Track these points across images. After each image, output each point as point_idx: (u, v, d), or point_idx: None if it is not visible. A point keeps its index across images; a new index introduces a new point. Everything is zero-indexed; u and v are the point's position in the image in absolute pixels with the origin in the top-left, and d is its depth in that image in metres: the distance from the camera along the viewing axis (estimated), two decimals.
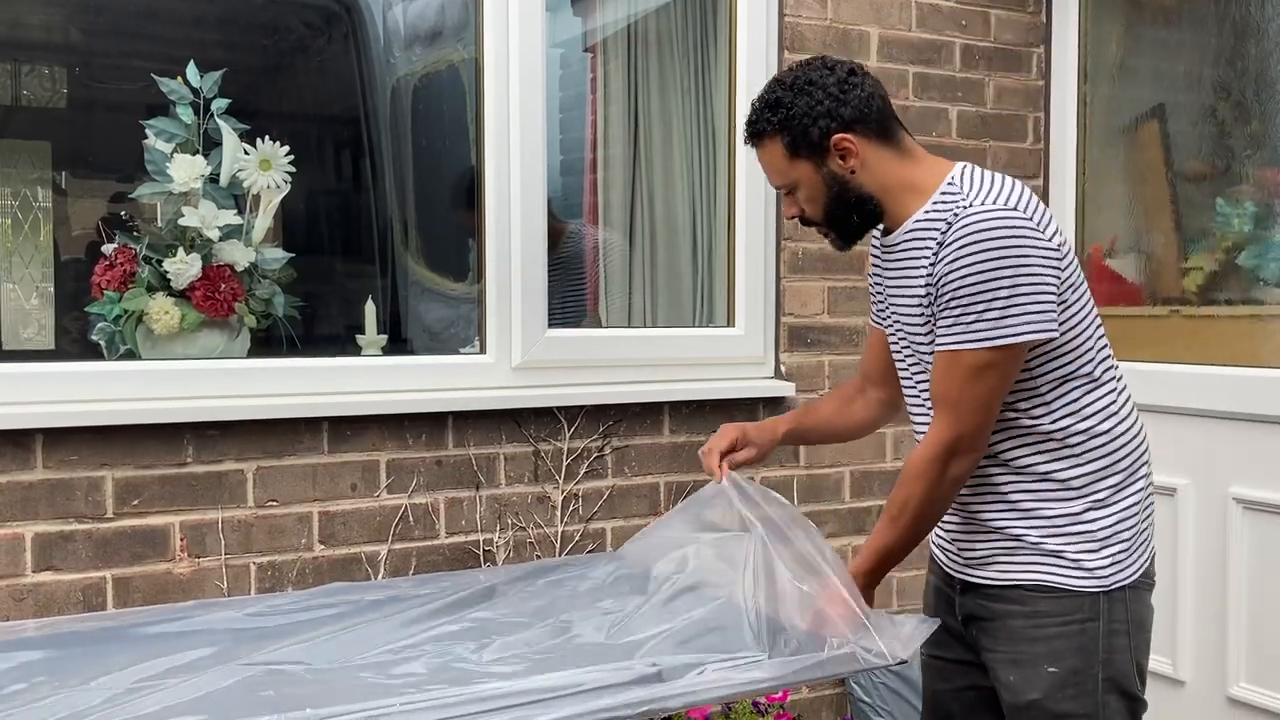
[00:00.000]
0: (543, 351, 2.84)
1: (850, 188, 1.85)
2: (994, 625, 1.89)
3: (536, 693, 1.58)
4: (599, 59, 3.39)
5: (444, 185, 3.34)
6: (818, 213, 1.89)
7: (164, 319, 2.56)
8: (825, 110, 1.81)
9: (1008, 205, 1.74)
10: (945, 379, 1.78)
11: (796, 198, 1.90)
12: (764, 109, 1.86)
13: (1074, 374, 1.82)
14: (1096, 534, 1.83)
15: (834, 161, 1.83)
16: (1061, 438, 1.83)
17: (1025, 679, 1.84)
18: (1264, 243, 2.93)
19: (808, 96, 1.82)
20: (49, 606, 2.37)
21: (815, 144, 1.82)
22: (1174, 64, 3.33)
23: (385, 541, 2.67)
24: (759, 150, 1.90)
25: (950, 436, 1.78)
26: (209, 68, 2.66)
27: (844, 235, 1.93)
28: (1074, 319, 1.81)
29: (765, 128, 1.86)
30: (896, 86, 3.22)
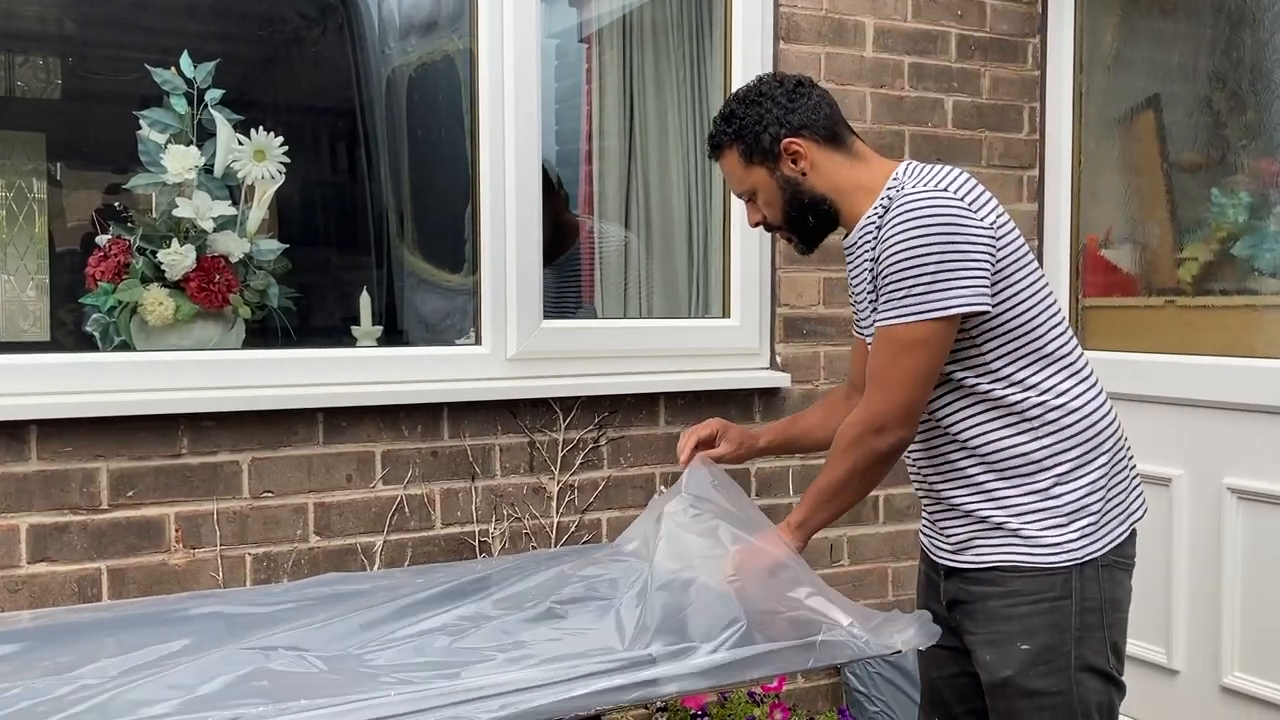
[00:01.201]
0: (538, 342, 2.84)
1: (803, 189, 1.95)
2: (974, 607, 1.92)
3: (530, 681, 1.58)
4: (594, 50, 3.38)
5: (439, 176, 3.33)
6: (777, 216, 1.99)
7: (158, 310, 2.56)
8: (775, 118, 1.93)
9: (937, 188, 1.81)
10: (877, 355, 1.84)
11: (757, 204, 2.00)
12: (720, 122, 1.99)
13: (1024, 349, 1.85)
14: (1063, 508, 1.85)
15: (786, 165, 1.94)
16: (1019, 410, 1.85)
17: (1000, 657, 1.87)
18: (1259, 233, 2.93)
19: (758, 107, 1.94)
20: (44, 598, 2.37)
21: (767, 150, 1.94)
22: (1169, 54, 3.33)
23: (381, 532, 2.68)
24: (721, 162, 2.02)
25: (878, 409, 1.83)
26: (203, 58, 2.65)
27: (803, 237, 2.02)
28: (1020, 295, 1.84)
29: (722, 139, 1.98)
30: (892, 76, 3.22)
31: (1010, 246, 1.84)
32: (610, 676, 1.63)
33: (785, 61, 3.08)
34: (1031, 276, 1.87)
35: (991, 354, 1.84)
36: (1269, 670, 2.75)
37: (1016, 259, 1.85)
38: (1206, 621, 2.89)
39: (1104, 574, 1.86)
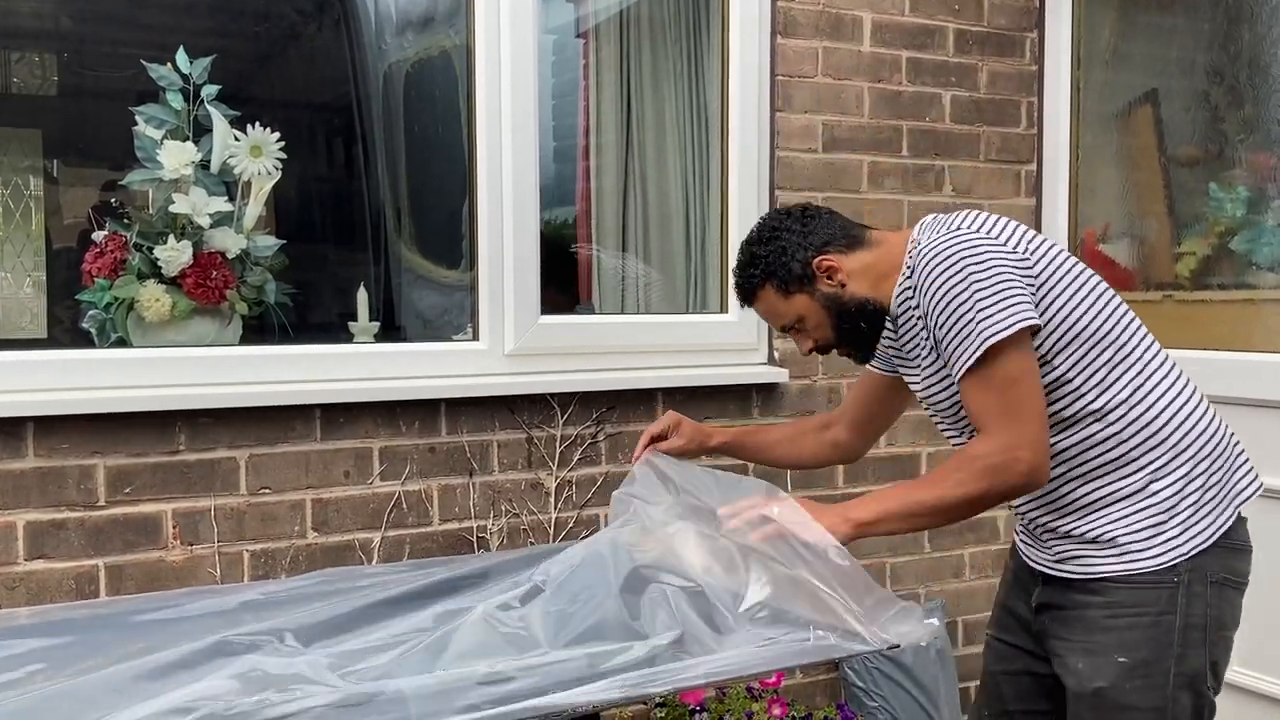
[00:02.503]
0: (536, 338, 2.84)
1: (846, 300, 1.96)
2: (1070, 614, 1.90)
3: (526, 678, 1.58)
4: (591, 45, 3.38)
5: (436, 172, 3.33)
6: (828, 334, 1.99)
7: (155, 306, 2.55)
8: (797, 244, 1.95)
9: (949, 231, 1.83)
10: (977, 398, 1.79)
11: (806, 330, 2.01)
12: (745, 269, 2.00)
13: (1098, 355, 1.83)
14: (1162, 504, 1.83)
15: (823, 284, 1.95)
16: (1104, 417, 1.83)
17: (1095, 667, 1.84)
18: (1256, 227, 2.93)
19: (777, 241, 1.97)
20: (41, 595, 2.37)
21: (801, 275, 1.95)
22: (1167, 49, 3.32)
23: (379, 529, 2.67)
24: (755, 305, 2.03)
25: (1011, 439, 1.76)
26: (199, 54, 2.64)
27: (861, 346, 2.02)
28: (1079, 302, 1.83)
29: (753, 283, 2.00)
30: (890, 71, 3.22)
31: (1049, 260, 1.84)
32: (609, 675, 1.62)
33: (783, 56, 3.08)
34: (1088, 282, 1.86)
35: (1065, 366, 1.82)
36: (1269, 666, 2.74)
37: (1062, 269, 1.84)
38: None
39: (1212, 590, 1.83)
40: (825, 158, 3.14)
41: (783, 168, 3.10)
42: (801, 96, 3.11)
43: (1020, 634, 2.05)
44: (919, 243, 1.86)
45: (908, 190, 3.26)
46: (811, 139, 3.13)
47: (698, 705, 2.81)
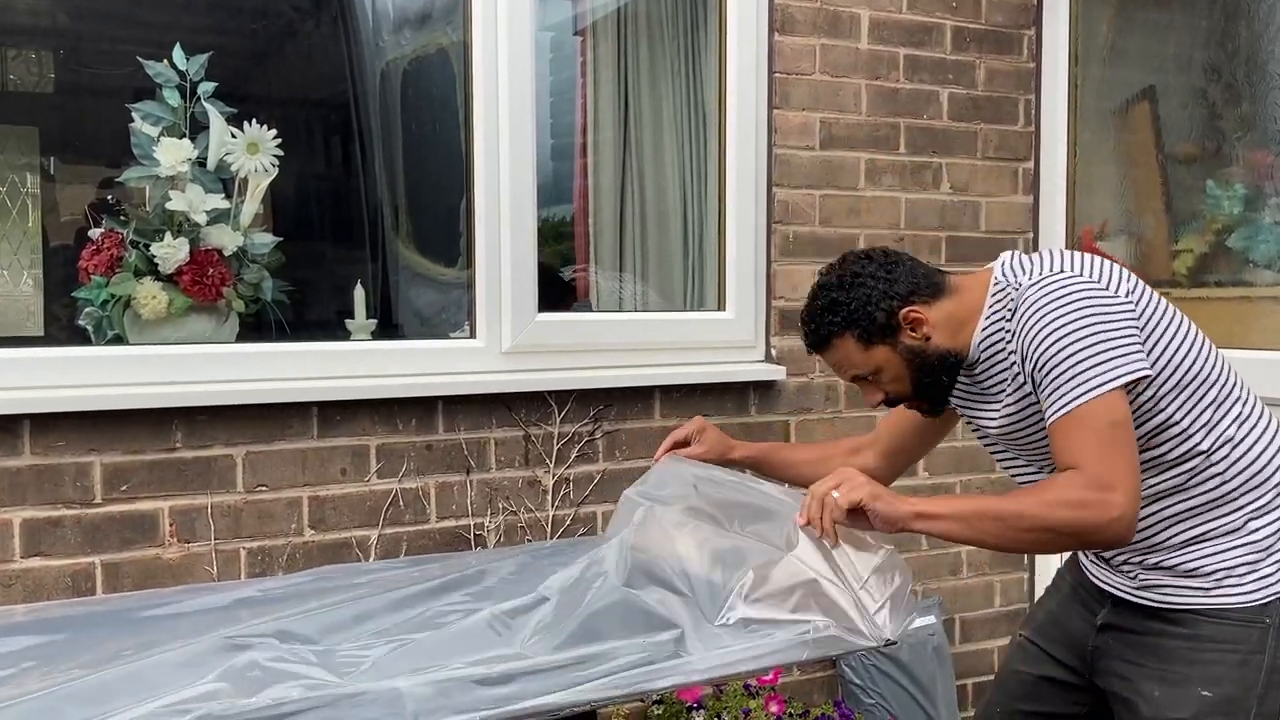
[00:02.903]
0: (533, 336, 2.83)
1: (929, 354, 1.90)
2: (1145, 640, 1.88)
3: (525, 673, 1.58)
4: (589, 42, 3.37)
5: (433, 170, 3.32)
6: (906, 388, 1.94)
7: (151, 303, 2.55)
8: (882, 292, 1.88)
9: (1057, 271, 1.79)
10: (1073, 442, 1.72)
11: (879, 382, 1.94)
12: (822, 315, 1.91)
13: (1202, 397, 1.82)
14: (1259, 543, 1.82)
15: (906, 336, 1.89)
16: (1209, 456, 1.82)
17: (1173, 698, 1.82)
18: (1254, 225, 2.93)
19: (862, 287, 1.89)
20: (38, 592, 2.37)
21: (885, 325, 1.88)
22: (1165, 46, 3.32)
23: (376, 526, 2.67)
24: (827, 353, 1.95)
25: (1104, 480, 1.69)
26: (196, 51, 2.64)
27: (935, 400, 1.97)
28: (1181, 347, 1.81)
29: (831, 330, 1.91)
30: (888, 69, 3.22)
31: (1151, 304, 1.82)
32: (606, 674, 1.62)
33: (780, 53, 3.08)
34: (1184, 324, 1.85)
35: (1174, 409, 1.80)
36: None
37: (1160, 312, 1.82)
38: None
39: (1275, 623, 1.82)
40: (823, 155, 3.14)
41: (780, 165, 3.10)
42: (799, 94, 3.11)
43: (1061, 646, 2.03)
44: (1019, 285, 1.81)
45: (905, 188, 3.26)
46: (809, 136, 3.13)
47: (695, 702, 2.81)
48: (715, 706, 2.81)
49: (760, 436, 3.08)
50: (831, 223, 3.16)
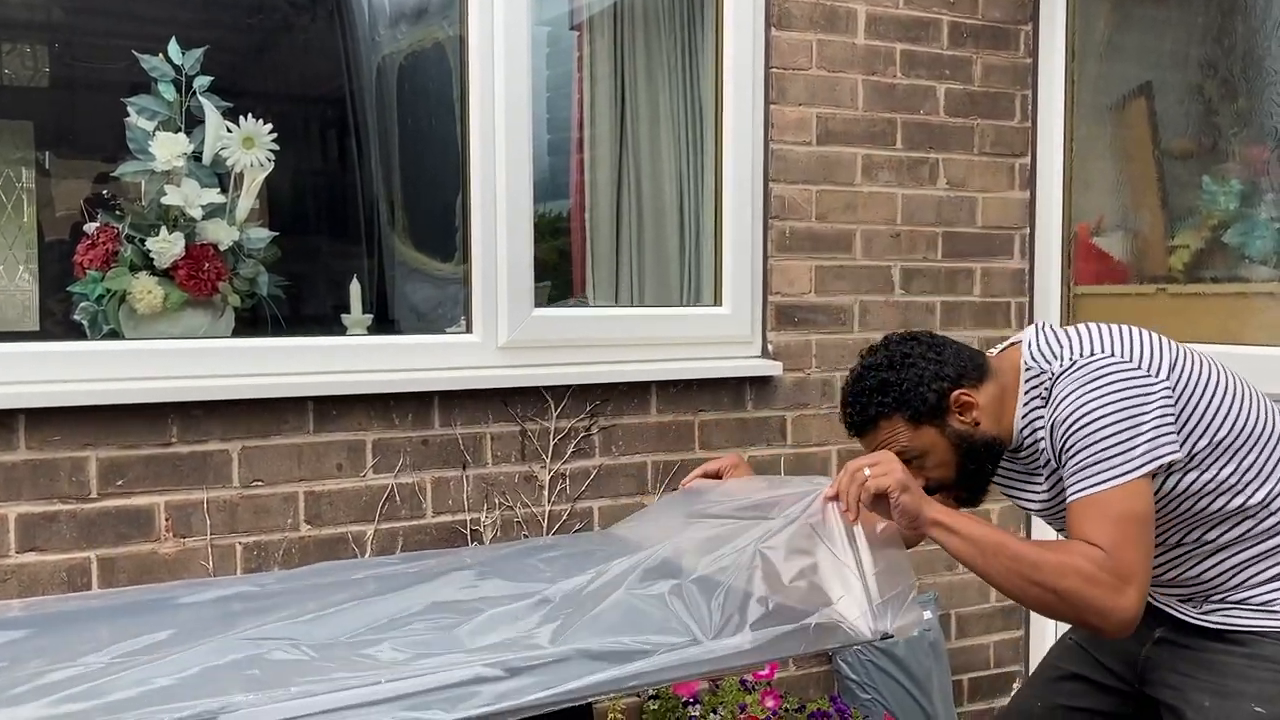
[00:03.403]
0: (529, 331, 2.83)
1: (976, 439, 1.88)
2: (1202, 655, 1.89)
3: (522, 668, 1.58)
4: (585, 37, 3.37)
5: (429, 164, 3.32)
6: (949, 474, 1.89)
7: (147, 298, 2.54)
8: (933, 374, 1.86)
9: (1091, 353, 1.78)
10: (1091, 525, 1.72)
11: (924, 468, 1.89)
12: (871, 395, 1.87)
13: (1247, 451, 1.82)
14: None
15: (955, 419, 1.87)
16: (1261, 503, 1.83)
17: (1224, 710, 1.83)
18: (1250, 220, 2.93)
19: (913, 368, 1.86)
20: (33, 587, 2.36)
21: (935, 407, 1.86)
22: (1161, 41, 3.32)
23: (372, 521, 2.67)
24: (870, 435, 1.90)
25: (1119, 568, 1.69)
26: (191, 45, 2.63)
27: (977, 489, 1.94)
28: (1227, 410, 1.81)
29: (880, 411, 1.87)
30: (884, 64, 3.22)
31: (1190, 379, 1.80)
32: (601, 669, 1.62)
33: (777, 48, 3.07)
34: (1225, 382, 1.84)
35: (1223, 470, 1.80)
36: None
37: (1203, 385, 1.81)
38: None
39: None
40: (819, 150, 3.14)
41: (776, 160, 3.09)
42: (795, 89, 3.11)
43: (1111, 655, 2.05)
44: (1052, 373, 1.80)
45: (901, 183, 3.26)
46: (805, 132, 3.13)
47: (691, 697, 2.81)
48: (711, 701, 2.81)
49: (757, 432, 3.08)
50: (828, 218, 3.16)
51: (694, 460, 2.99)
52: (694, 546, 1.93)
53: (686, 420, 3.00)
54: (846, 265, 3.19)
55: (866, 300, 3.21)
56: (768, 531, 1.82)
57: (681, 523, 2.03)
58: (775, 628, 1.70)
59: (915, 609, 1.77)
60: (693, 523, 2.00)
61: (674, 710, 2.81)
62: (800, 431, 3.15)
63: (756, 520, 1.87)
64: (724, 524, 1.92)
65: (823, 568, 1.75)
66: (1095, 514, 1.71)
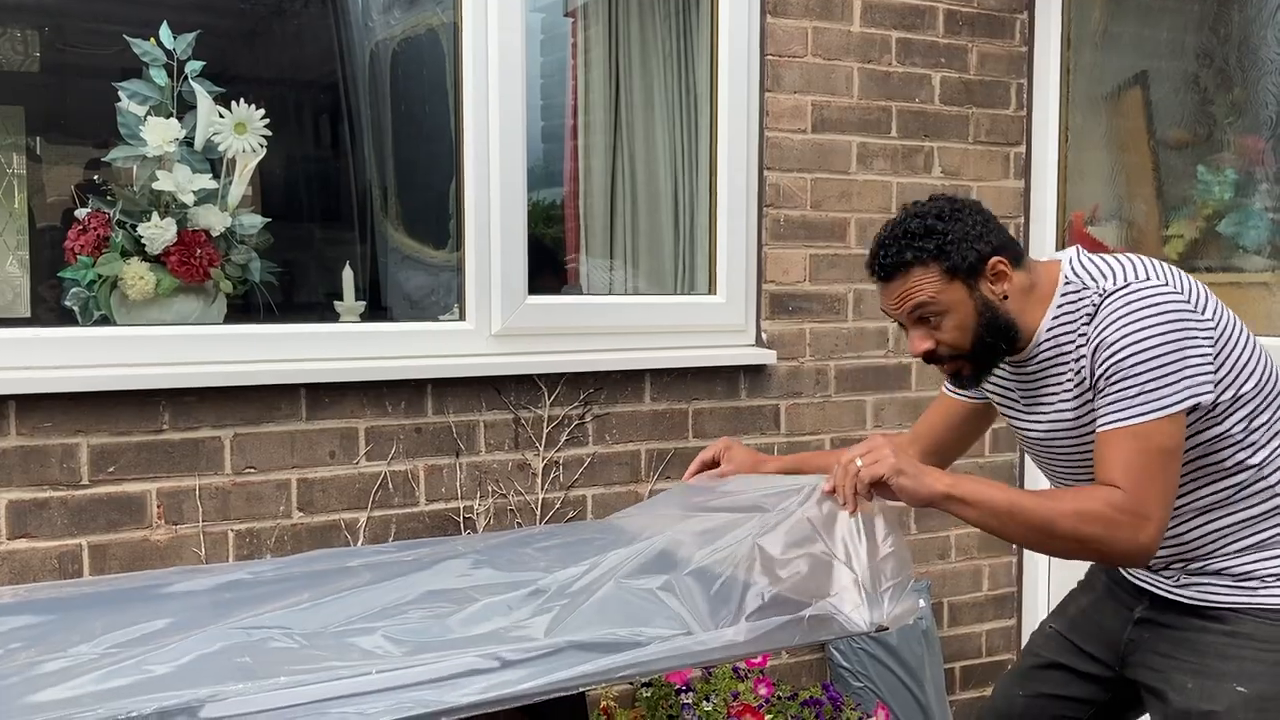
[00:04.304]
0: (523, 319, 2.82)
1: (999, 314, 1.84)
2: (1180, 635, 1.89)
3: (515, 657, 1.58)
4: (580, 24, 3.35)
5: (423, 151, 3.31)
6: (964, 341, 1.85)
7: (139, 284, 2.53)
8: (979, 234, 1.81)
9: (1147, 279, 1.76)
10: (1120, 454, 1.72)
11: (940, 326, 1.84)
12: (912, 238, 1.82)
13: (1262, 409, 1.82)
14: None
15: (986, 286, 1.83)
16: (1260, 466, 1.82)
17: (1206, 691, 1.82)
18: (1244, 210, 2.93)
19: (961, 221, 1.82)
20: (24, 574, 2.36)
21: (973, 266, 1.81)
22: (1157, 30, 3.32)
23: (365, 509, 2.66)
24: (897, 280, 1.84)
25: (1140, 506, 1.70)
26: (183, 30, 2.62)
27: (981, 367, 1.89)
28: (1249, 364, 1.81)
29: (917, 256, 1.81)
30: (880, 52, 3.21)
31: (1228, 327, 1.80)
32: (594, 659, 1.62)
33: (772, 36, 3.06)
34: (1251, 343, 1.83)
35: (1233, 423, 1.80)
36: None
37: (1235, 334, 1.81)
38: None
39: None
40: (814, 138, 3.13)
41: (772, 148, 3.08)
42: (791, 77, 3.10)
43: (1094, 641, 2.04)
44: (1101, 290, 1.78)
45: (896, 171, 3.25)
46: (801, 119, 3.12)
47: (684, 685, 2.82)
48: (704, 689, 2.82)
49: (750, 421, 3.08)
50: (822, 207, 3.15)
51: (687, 449, 2.99)
52: (690, 538, 1.93)
53: (680, 409, 3.00)
54: (841, 254, 3.18)
55: (861, 289, 3.21)
56: (765, 524, 1.82)
57: (679, 515, 2.02)
58: (770, 619, 1.70)
59: (911, 600, 1.77)
60: (690, 516, 2.00)
61: (667, 698, 2.81)
62: (794, 420, 3.15)
63: (753, 513, 1.87)
64: (721, 517, 1.92)
65: (818, 559, 1.75)
66: (1127, 445, 1.71)
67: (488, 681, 1.55)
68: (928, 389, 3.26)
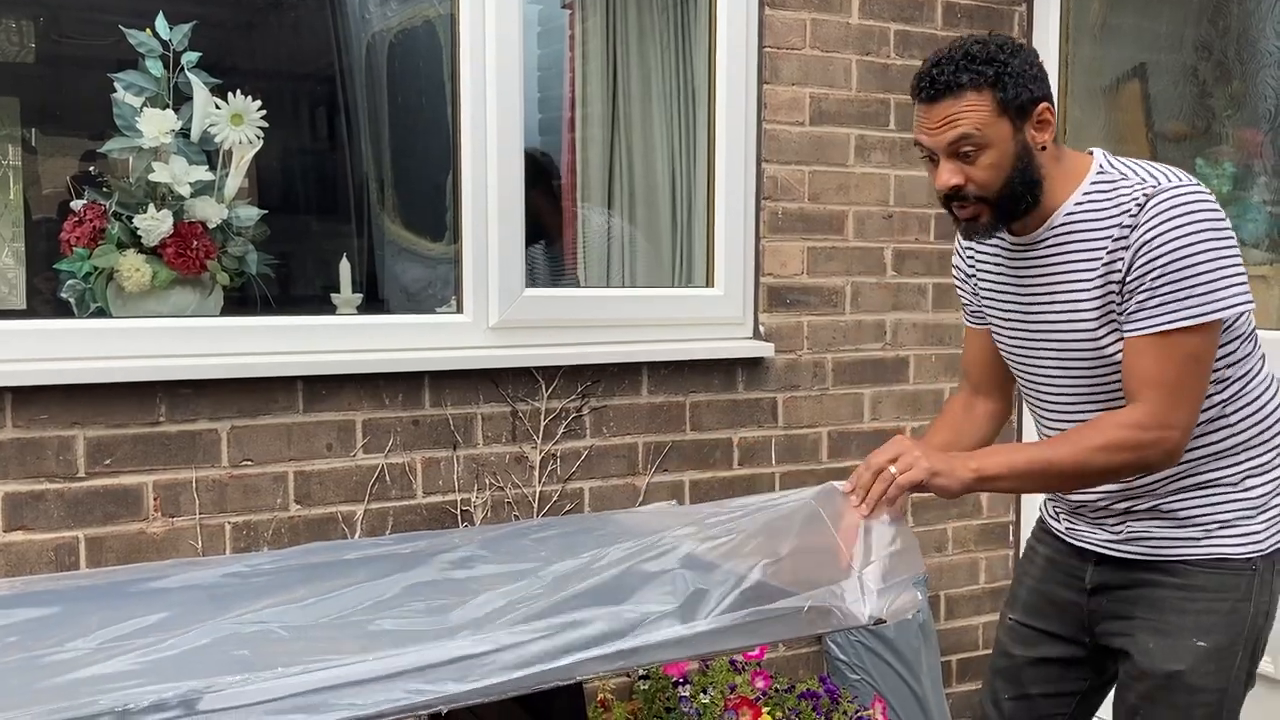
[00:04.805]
0: (520, 311, 2.82)
1: (1033, 164, 1.78)
2: (1134, 593, 1.89)
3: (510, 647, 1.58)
4: (577, 16, 3.34)
5: (420, 143, 3.30)
6: (995, 181, 1.77)
7: (135, 276, 2.52)
8: (1034, 75, 1.76)
9: (1193, 184, 1.74)
10: (1155, 361, 1.71)
11: (976, 162, 1.76)
12: (973, 62, 1.73)
13: (1232, 349, 1.82)
14: (1253, 500, 1.84)
15: (1030, 130, 1.77)
16: (1221, 406, 1.82)
17: (1169, 649, 1.83)
18: (1242, 203, 2.93)
19: (1020, 59, 1.75)
20: (20, 567, 2.35)
21: (1023, 107, 1.75)
22: (1156, 23, 3.31)
23: (362, 501, 2.66)
24: (946, 102, 1.75)
25: (1165, 418, 1.71)
26: (179, 20, 2.61)
27: (1003, 216, 1.81)
28: None
29: (974, 80, 1.73)
30: (878, 44, 3.20)
31: None
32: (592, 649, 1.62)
33: (770, 27, 3.05)
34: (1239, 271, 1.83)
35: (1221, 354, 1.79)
36: None
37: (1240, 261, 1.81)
38: None
39: (1277, 581, 1.85)
40: (812, 130, 3.13)
41: (769, 140, 3.08)
42: (789, 69, 3.09)
43: (1057, 619, 2.02)
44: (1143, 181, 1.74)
45: (895, 164, 3.25)
46: (799, 111, 3.11)
47: (681, 677, 2.82)
48: (701, 681, 2.82)
49: (748, 414, 3.08)
50: (820, 199, 3.15)
51: (684, 442, 2.99)
52: (690, 531, 1.93)
53: (678, 401, 3.00)
54: (839, 246, 3.18)
55: (859, 282, 3.20)
56: (768, 519, 1.82)
57: (680, 514, 2.03)
58: (769, 610, 1.69)
59: (910, 594, 1.77)
60: (691, 513, 2.00)
61: (664, 690, 2.81)
62: (791, 413, 3.14)
63: (757, 510, 1.87)
64: (722, 513, 1.92)
65: (821, 552, 1.75)
66: (1163, 352, 1.70)
67: (484, 671, 1.54)
68: (925, 382, 3.26)
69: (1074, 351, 1.85)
